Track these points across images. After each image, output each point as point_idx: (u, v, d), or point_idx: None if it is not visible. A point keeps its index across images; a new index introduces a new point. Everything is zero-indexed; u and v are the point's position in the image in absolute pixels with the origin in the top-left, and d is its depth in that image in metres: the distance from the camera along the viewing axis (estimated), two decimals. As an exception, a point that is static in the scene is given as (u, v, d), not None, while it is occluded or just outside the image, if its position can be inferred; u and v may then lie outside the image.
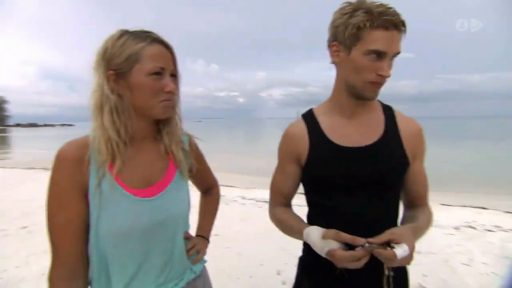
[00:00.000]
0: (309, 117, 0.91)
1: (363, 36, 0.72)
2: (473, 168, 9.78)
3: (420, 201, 0.89)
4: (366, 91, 0.78)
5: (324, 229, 0.75)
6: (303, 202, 0.92)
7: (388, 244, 0.68)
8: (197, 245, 0.93)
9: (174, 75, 0.78)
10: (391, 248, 0.66)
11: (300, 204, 1.09)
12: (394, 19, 0.70)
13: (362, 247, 0.68)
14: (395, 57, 0.76)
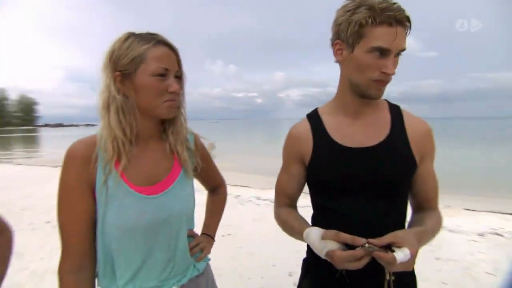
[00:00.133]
0: (313, 117, 0.90)
1: (366, 33, 0.70)
2: (502, 171, 9.24)
3: (429, 205, 0.85)
4: (370, 89, 0.76)
5: (324, 229, 0.74)
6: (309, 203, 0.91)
7: (389, 246, 0.66)
8: (201, 243, 0.94)
9: (179, 76, 0.80)
10: (391, 251, 0.64)
11: (305, 205, 1.08)
12: (397, 14, 0.68)
13: (362, 247, 0.66)
14: (400, 54, 0.74)
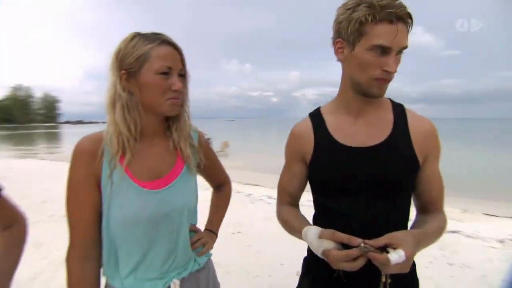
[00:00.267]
0: (315, 116, 0.90)
1: (366, 31, 0.70)
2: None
3: (434, 206, 0.83)
4: (372, 88, 0.75)
5: (321, 228, 0.74)
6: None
7: (385, 248, 0.65)
8: (203, 238, 0.96)
9: (182, 74, 0.82)
10: (387, 252, 0.63)
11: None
12: (398, 11, 0.67)
13: (358, 247, 0.65)
14: (402, 52, 0.73)
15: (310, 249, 0.88)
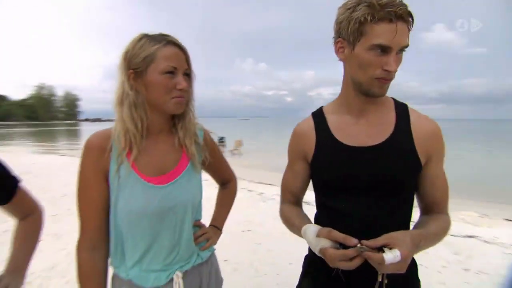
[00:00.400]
0: (318, 115, 0.90)
1: (366, 30, 0.69)
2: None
3: (437, 208, 0.82)
4: (373, 87, 0.75)
5: (320, 227, 0.74)
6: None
7: (382, 248, 0.65)
8: (207, 233, 0.99)
9: (188, 74, 0.85)
10: (383, 252, 0.63)
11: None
12: (398, 10, 0.66)
13: (355, 247, 0.66)
14: (403, 50, 0.72)
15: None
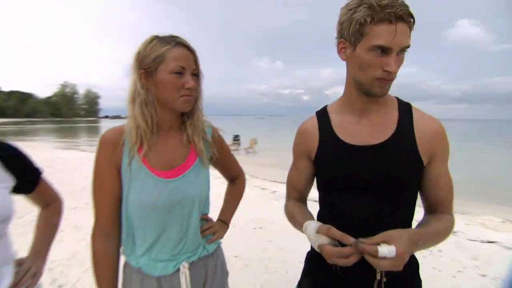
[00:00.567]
0: (322, 114, 0.92)
1: (366, 32, 0.70)
2: None
3: (441, 207, 0.81)
4: (374, 87, 0.75)
5: (320, 223, 0.76)
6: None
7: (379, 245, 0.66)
8: (213, 227, 1.02)
9: (196, 74, 0.88)
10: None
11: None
12: (398, 11, 0.66)
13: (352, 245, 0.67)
14: (404, 51, 0.72)
15: None
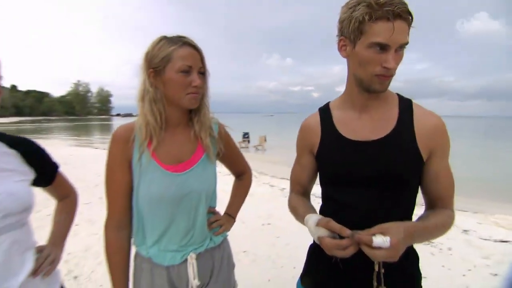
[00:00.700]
0: (324, 110, 0.94)
1: (365, 29, 0.72)
2: None
3: (441, 203, 0.82)
4: (373, 84, 0.77)
5: (321, 216, 0.79)
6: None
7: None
8: (220, 220, 1.06)
9: (202, 72, 0.92)
10: None
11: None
12: (395, 9, 0.68)
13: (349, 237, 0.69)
14: (403, 47, 0.74)
15: None
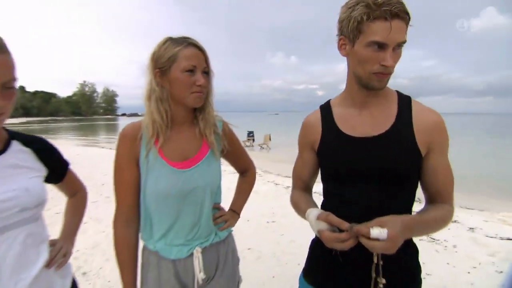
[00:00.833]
0: (325, 108, 0.96)
1: (363, 29, 0.74)
2: None
3: (441, 198, 0.84)
4: (372, 81, 0.79)
5: (321, 210, 0.81)
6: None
7: None
8: (225, 215, 1.09)
9: (206, 72, 0.94)
10: None
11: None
12: (393, 8, 0.70)
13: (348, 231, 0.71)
14: (401, 46, 0.76)
15: None
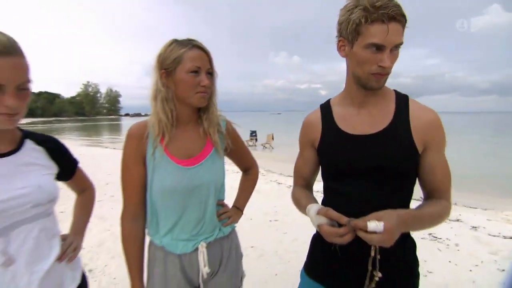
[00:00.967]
0: (325, 107, 0.99)
1: (362, 31, 0.77)
2: None
3: (438, 194, 0.86)
4: (370, 82, 0.82)
5: (321, 206, 0.84)
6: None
7: None
8: (228, 212, 1.12)
9: (210, 73, 0.98)
10: None
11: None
12: (390, 12, 0.72)
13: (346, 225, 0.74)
14: (398, 47, 0.78)
15: None
